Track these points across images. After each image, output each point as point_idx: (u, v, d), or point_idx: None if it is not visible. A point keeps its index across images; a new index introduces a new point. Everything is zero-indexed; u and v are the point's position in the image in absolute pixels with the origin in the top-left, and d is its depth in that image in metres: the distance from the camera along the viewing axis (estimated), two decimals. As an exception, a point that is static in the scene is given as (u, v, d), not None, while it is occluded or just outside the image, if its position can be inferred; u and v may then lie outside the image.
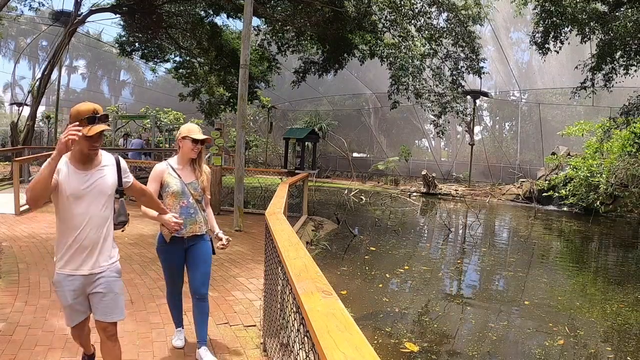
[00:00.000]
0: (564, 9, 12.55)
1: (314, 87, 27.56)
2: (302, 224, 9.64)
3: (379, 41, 12.65)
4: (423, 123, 31.75)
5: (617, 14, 12.82)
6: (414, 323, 5.28)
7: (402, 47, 12.57)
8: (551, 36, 13.58)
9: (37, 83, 15.21)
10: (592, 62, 14.20)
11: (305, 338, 1.46)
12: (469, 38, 13.15)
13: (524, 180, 21.12)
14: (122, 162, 2.50)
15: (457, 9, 12.60)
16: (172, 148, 21.07)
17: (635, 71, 13.61)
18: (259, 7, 12.23)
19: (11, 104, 37.04)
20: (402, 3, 12.00)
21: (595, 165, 14.86)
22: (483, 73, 14.23)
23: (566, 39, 13.75)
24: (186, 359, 3.29)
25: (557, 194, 15.55)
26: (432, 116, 14.80)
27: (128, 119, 25.29)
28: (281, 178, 11.31)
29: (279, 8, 13.91)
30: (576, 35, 13.64)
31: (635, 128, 14.38)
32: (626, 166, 14.42)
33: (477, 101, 25.52)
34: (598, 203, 14.38)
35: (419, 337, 4.76)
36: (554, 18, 12.97)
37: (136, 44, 16.46)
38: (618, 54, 13.55)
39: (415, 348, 4.41)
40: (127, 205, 2.65)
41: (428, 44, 13.17)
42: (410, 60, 12.51)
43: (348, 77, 28.05)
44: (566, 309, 5.94)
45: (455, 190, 21.29)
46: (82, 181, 2.28)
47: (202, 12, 15.00)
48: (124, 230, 2.65)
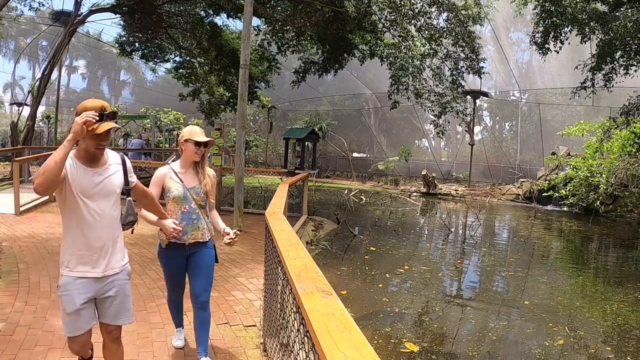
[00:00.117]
0: (564, 9, 12.55)
1: (314, 87, 27.57)
2: (302, 224, 9.64)
3: (379, 41, 12.65)
4: (423, 123, 31.76)
5: (617, 14, 12.82)
6: (414, 323, 5.28)
7: (402, 47, 12.58)
8: (551, 36, 13.59)
9: (37, 83, 15.21)
10: (592, 62, 14.20)
11: (305, 338, 1.46)
12: (469, 38, 13.15)
13: (524, 180, 21.13)
14: (127, 162, 2.43)
15: (457, 9, 12.61)
16: (173, 148, 21.08)
17: (635, 71, 13.61)
18: (259, 7, 12.23)
19: (11, 104, 37.05)
20: (402, 3, 12.00)
21: (595, 165, 14.86)
22: (483, 73, 14.23)
23: (566, 39, 13.75)
24: (186, 359, 3.29)
25: (557, 194, 15.55)
26: (432, 116, 14.81)
27: (128, 119, 25.29)
28: (281, 178, 11.31)
29: (279, 8, 13.92)
30: (576, 35, 13.64)
31: (635, 128, 14.38)
32: (626, 166, 14.42)
33: (477, 101, 25.52)
34: (598, 203, 14.37)
35: (419, 337, 4.76)
36: (554, 18, 12.97)
37: (136, 44, 16.47)
38: (618, 54, 13.55)
39: (415, 348, 4.41)
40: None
41: (428, 44, 13.17)
42: (410, 60, 12.51)
43: (348, 77, 28.06)
44: (566, 309, 5.94)
45: (455, 190, 21.29)
46: (92, 179, 2.19)
47: (202, 12, 15.00)
48: (133, 230, 2.57)
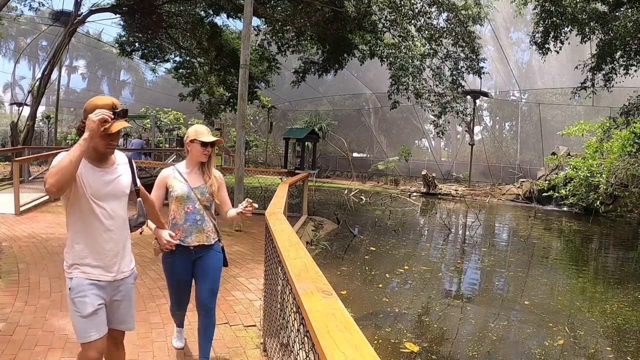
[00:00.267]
0: (564, 9, 12.56)
1: (314, 87, 27.57)
2: (302, 224, 9.63)
3: (379, 41, 12.65)
4: (423, 123, 31.76)
5: (617, 14, 12.83)
6: (414, 323, 5.28)
7: (402, 47, 12.58)
8: (551, 36, 13.60)
9: (37, 83, 15.21)
10: (592, 62, 14.21)
11: (305, 338, 1.46)
12: (469, 38, 13.16)
13: (524, 180, 21.13)
14: (133, 162, 2.38)
15: (457, 9, 12.61)
16: (173, 148, 21.08)
17: (635, 71, 13.63)
18: (259, 7, 12.23)
19: (11, 104, 37.05)
20: (402, 3, 12.00)
21: (595, 165, 14.86)
22: (483, 73, 14.24)
23: (566, 39, 13.76)
24: (186, 359, 3.29)
25: (557, 194, 15.55)
26: (432, 116, 14.81)
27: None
28: (281, 178, 11.31)
29: (279, 8, 13.92)
30: (576, 35, 13.65)
31: (635, 128, 14.38)
32: (626, 166, 14.42)
33: (477, 101, 25.53)
34: (598, 203, 14.37)
35: (419, 337, 4.76)
36: (554, 18, 12.98)
37: (136, 44, 16.47)
38: (618, 54, 13.56)
39: (415, 348, 4.41)
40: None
41: (428, 44, 13.17)
42: (410, 60, 12.51)
43: (348, 77, 28.06)
44: (566, 309, 5.93)
45: (455, 190, 21.29)
46: (102, 180, 2.11)
47: (202, 12, 15.01)
48: (142, 231, 2.52)
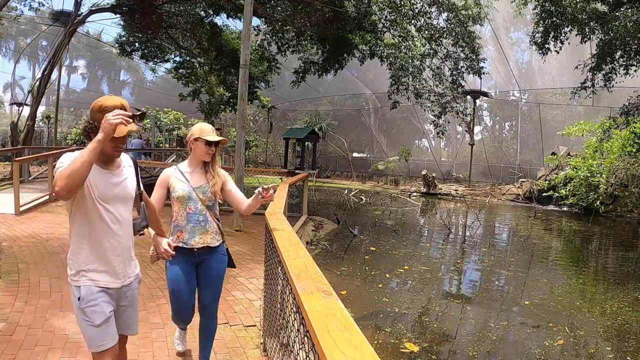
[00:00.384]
0: (564, 9, 12.57)
1: (314, 87, 27.57)
2: (302, 224, 9.63)
3: (379, 41, 12.66)
4: (423, 123, 31.76)
5: (617, 14, 12.84)
6: (414, 323, 5.28)
7: (402, 47, 12.58)
8: (551, 36, 13.61)
9: (37, 83, 15.22)
10: (592, 62, 14.22)
11: (305, 338, 1.46)
12: (469, 38, 13.16)
13: (524, 180, 21.13)
14: (137, 164, 2.31)
15: (457, 9, 12.61)
16: (173, 148, 21.08)
17: (635, 71, 13.63)
18: (259, 7, 12.23)
19: (11, 104, 37.06)
20: (402, 3, 12.00)
21: (595, 165, 14.86)
22: (483, 73, 14.24)
23: (566, 39, 13.77)
24: (186, 359, 3.29)
25: (557, 194, 15.55)
26: (432, 116, 14.82)
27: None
28: (281, 178, 11.32)
29: (279, 8, 13.92)
30: (576, 35, 13.65)
31: (635, 128, 14.38)
32: (626, 166, 14.42)
33: (477, 101, 25.53)
34: (598, 203, 14.37)
35: (419, 337, 4.76)
36: (554, 18, 12.99)
37: (136, 44, 16.47)
38: (618, 54, 13.57)
39: (415, 348, 4.41)
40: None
41: (428, 44, 13.18)
42: (410, 60, 12.51)
43: (348, 77, 28.06)
44: (566, 309, 5.94)
45: (455, 190, 21.29)
46: (110, 183, 2.04)
47: (202, 12, 15.01)
48: (144, 234, 2.44)
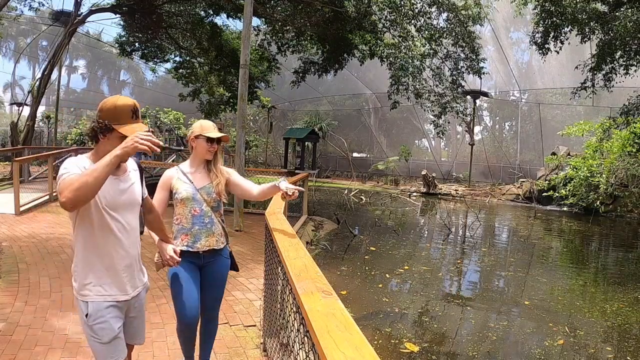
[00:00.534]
0: (564, 9, 12.56)
1: (314, 87, 27.58)
2: (302, 224, 9.64)
3: (379, 41, 12.65)
4: (423, 123, 31.76)
5: (617, 14, 12.82)
6: (414, 323, 5.28)
7: (402, 47, 12.57)
8: (551, 36, 13.60)
9: (37, 83, 15.22)
10: (592, 62, 14.20)
11: (305, 338, 1.46)
12: (469, 38, 13.16)
13: (524, 180, 21.13)
14: (142, 168, 2.22)
15: (457, 9, 12.61)
16: (174, 148, 21.06)
17: (635, 71, 13.62)
18: (259, 7, 12.23)
19: (11, 104, 37.05)
20: (402, 3, 12.00)
21: (595, 165, 14.86)
22: (483, 73, 14.23)
23: (566, 39, 13.75)
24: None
25: (557, 194, 15.55)
26: (432, 116, 14.80)
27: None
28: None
29: (279, 8, 13.91)
30: (576, 35, 13.64)
31: (635, 128, 14.39)
32: (626, 166, 14.42)
33: (477, 101, 25.53)
34: (598, 203, 14.38)
35: (419, 337, 4.76)
36: (554, 18, 12.98)
37: (136, 44, 16.47)
38: (618, 54, 13.55)
39: (415, 348, 4.41)
40: None
41: (428, 44, 13.17)
42: (410, 60, 12.50)
43: (348, 77, 28.07)
44: (566, 309, 5.94)
45: (455, 190, 21.29)
46: (118, 189, 1.92)
47: (202, 12, 15.01)
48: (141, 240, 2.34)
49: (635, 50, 13.17)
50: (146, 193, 2.19)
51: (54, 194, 10.13)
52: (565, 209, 16.26)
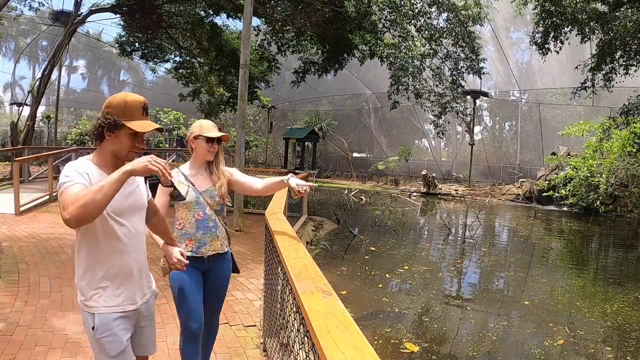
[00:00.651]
0: (564, 9, 12.57)
1: (314, 87, 27.57)
2: (302, 224, 9.64)
3: (379, 41, 12.65)
4: (423, 123, 31.76)
5: (617, 14, 12.83)
6: (414, 323, 5.28)
7: (402, 47, 12.58)
8: (551, 36, 13.61)
9: (37, 83, 15.22)
10: (592, 62, 14.21)
11: (305, 338, 1.46)
12: (469, 38, 13.17)
13: (524, 180, 21.13)
14: None
15: (457, 9, 12.62)
16: (173, 148, 21.09)
17: (635, 71, 13.63)
18: (259, 7, 12.23)
19: (11, 104, 37.06)
20: (402, 3, 12.00)
21: (595, 165, 14.86)
22: (483, 73, 14.25)
23: (566, 39, 13.77)
24: None
25: (557, 194, 15.55)
26: (432, 116, 14.82)
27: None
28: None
29: (279, 8, 13.92)
30: (576, 35, 13.65)
31: (635, 128, 14.39)
32: (626, 166, 14.42)
33: (477, 101, 25.53)
34: (598, 203, 14.38)
35: (419, 338, 4.76)
36: (554, 18, 12.99)
37: (136, 44, 16.48)
38: (618, 54, 13.56)
39: (415, 348, 4.41)
40: None
41: (428, 44, 13.18)
42: (410, 60, 12.51)
43: (348, 77, 28.06)
44: (566, 309, 5.94)
45: (455, 190, 21.29)
46: (122, 192, 1.75)
47: (202, 12, 15.01)
48: None
49: (635, 50, 13.18)
50: (150, 195, 2.10)
51: (54, 194, 10.13)
52: (565, 209, 16.26)
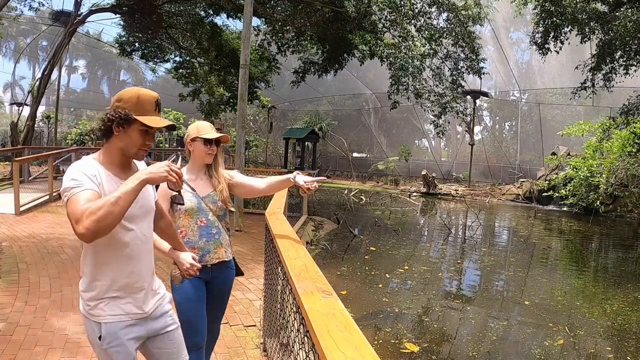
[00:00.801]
0: (564, 9, 12.57)
1: (314, 87, 27.57)
2: (302, 224, 9.64)
3: (379, 41, 12.65)
4: (423, 123, 31.75)
5: (617, 14, 12.83)
6: (414, 323, 5.28)
7: (402, 47, 12.58)
8: (551, 36, 13.61)
9: (37, 83, 15.23)
10: (592, 62, 14.21)
11: (305, 338, 1.46)
12: (469, 38, 13.17)
13: (524, 180, 21.13)
14: None
15: (457, 9, 12.62)
16: (174, 148, 21.08)
17: (635, 71, 13.63)
18: (259, 7, 12.23)
19: (11, 104, 37.07)
20: (402, 3, 12.00)
21: (595, 165, 14.86)
22: (483, 73, 14.25)
23: (566, 39, 13.77)
24: None
25: (557, 194, 15.55)
26: (432, 116, 14.82)
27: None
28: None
29: (279, 8, 13.92)
30: (576, 35, 13.65)
31: (635, 128, 14.39)
32: (626, 166, 14.42)
33: (477, 101, 25.53)
34: (598, 203, 14.38)
35: (419, 337, 4.76)
36: (554, 18, 12.99)
37: (136, 44, 16.49)
38: (618, 54, 13.56)
39: (415, 348, 4.41)
40: None
41: (428, 44, 13.18)
42: (410, 60, 12.51)
43: (348, 77, 28.06)
44: (566, 309, 5.94)
45: (455, 190, 21.29)
46: None
47: (202, 12, 15.02)
48: None
49: (635, 50, 13.18)
50: (157, 196, 1.97)
51: (54, 194, 10.13)
52: (565, 209, 16.26)
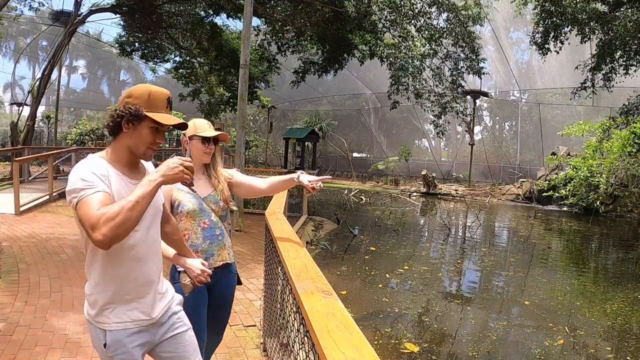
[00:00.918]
0: (564, 9, 12.57)
1: (314, 87, 27.57)
2: (302, 224, 9.64)
3: (379, 41, 12.65)
4: (423, 123, 31.76)
5: (617, 14, 12.83)
6: (414, 323, 5.28)
7: (402, 47, 12.58)
8: (551, 36, 13.60)
9: (37, 83, 15.22)
10: (592, 62, 14.20)
11: (305, 338, 1.46)
12: (469, 38, 13.17)
13: (524, 180, 21.13)
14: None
15: (457, 9, 12.62)
16: (174, 148, 21.07)
17: (635, 71, 13.62)
18: (259, 7, 12.23)
19: (11, 104, 37.08)
20: (402, 3, 12.00)
21: (595, 165, 14.87)
22: (483, 73, 14.25)
23: (566, 39, 13.76)
24: None
25: (557, 194, 15.55)
26: (432, 116, 14.82)
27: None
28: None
29: (279, 8, 13.92)
30: (576, 35, 13.65)
31: (635, 128, 14.39)
32: (626, 166, 14.42)
33: (477, 101, 25.54)
34: (598, 203, 14.38)
35: (419, 338, 4.76)
36: (554, 18, 12.99)
37: (136, 44, 16.48)
38: (618, 54, 13.56)
39: (415, 348, 4.41)
40: None
41: (428, 44, 13.18)
42: (410, 60, 12.51)
43: (348, 77, 28.06)
44: (566, 309, 5.94)
45: (455, 190, 21.29)
46: None
47: (202, 12, 15.02)
48: None
49: (635, 50, 13.17)
50: (163, 197, 1.86)
51: (54, 194, 10.13)
52: (565, 209, 16.26)
